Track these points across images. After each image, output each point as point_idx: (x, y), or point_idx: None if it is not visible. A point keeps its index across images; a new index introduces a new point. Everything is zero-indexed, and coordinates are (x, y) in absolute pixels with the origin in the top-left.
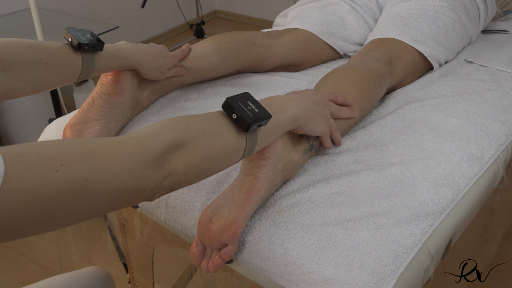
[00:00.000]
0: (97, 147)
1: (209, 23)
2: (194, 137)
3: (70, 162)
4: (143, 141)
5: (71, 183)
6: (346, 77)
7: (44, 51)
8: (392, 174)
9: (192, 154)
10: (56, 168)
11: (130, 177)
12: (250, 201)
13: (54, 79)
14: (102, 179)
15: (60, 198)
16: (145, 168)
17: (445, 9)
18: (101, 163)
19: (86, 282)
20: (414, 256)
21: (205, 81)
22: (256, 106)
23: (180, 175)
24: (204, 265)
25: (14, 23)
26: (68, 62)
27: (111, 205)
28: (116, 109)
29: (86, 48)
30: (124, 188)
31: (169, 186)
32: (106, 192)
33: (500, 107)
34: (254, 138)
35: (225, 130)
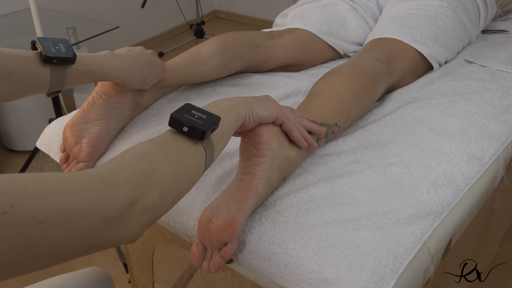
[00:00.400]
0: (55, 184)
1: (209, 23)
2: (158, 163)
3: (23, 202)
4: (108, 177)
5: (23, 226)
6: (338, 74)
7: (8, 61)
8: (392, 174)
9: (162, 181)
10: (5, 209)
11: (94, 217)
12: (248, 199)
13: (17, 90)
14: (60, 220)
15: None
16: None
17: (445, 9)
18: (59, 202)
19: (85, 283)
20: (414, 256)
21: (205, 82)
22: (202, 113)
23: (158, 207)
24: (205, 265)
25: (14, 23)
26: (33, 73)
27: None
28: (116, 110)
29: (54, 61)
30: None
31: (149, 222)
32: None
33: (500, 107)
34: (210, 145)
35: (183, 146)
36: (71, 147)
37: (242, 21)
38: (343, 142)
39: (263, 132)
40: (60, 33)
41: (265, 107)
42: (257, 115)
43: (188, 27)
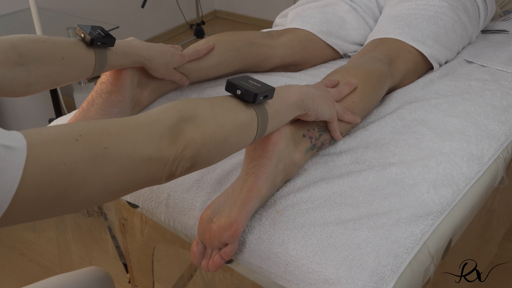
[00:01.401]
0: (112, 122)
1: (209, 23)
2: (203, 109)
3: (89, 133)
4: (154, 115)
5: (92, 151)
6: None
7: (59, 46)
8: (392, 174)
9: (205, 124)
10: (75, 137)
11: (148, 146)
12: (251, 201)
13: (69, 74)
14: (121, 147)
15: (84, 165)
16: (160, 139)
17: (445, 9)
18: (117, 133)
19: (85, 282)
20: (414, 256)
21: (205, 81)
22: (258, 82)
23: (198, 145)
24: (204, 264)
25: (14, 23)
26: (82, 57)
27: (138, 176)
28: (116, 108)
29: (98, 44)
30: (146, 157)
31: (190, 157)
32: (128, 160)
33: (500, 107)
34: (263, 112)
35: (233, 105)
36: None
37: (242, 21)
38: (343, 142)
39: (273, 133)
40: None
41: (326, 105)
42: (319, 111)
43: (188, 27)
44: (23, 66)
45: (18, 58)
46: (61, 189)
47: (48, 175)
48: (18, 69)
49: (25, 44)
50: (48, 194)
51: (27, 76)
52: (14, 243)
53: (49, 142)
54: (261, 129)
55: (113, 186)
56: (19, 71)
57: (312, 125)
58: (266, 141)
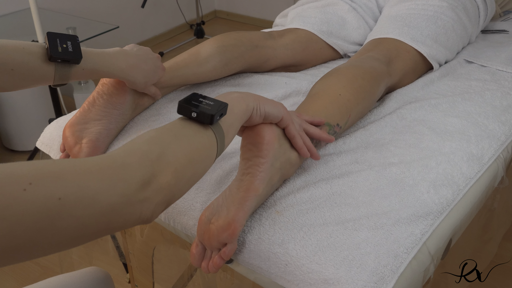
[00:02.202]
0: (70, 165)
1: (209, 23)
2: (169, 144)
3: (41, 180)
4: (120, 158)
5: (43, 202)
6: (337, 75)
7: (12, 56)
8: (392, 174)
9: (175, 162)
10: (24, 186)
11: (111, 194)
12: (248, 200)
13: (19, 83)
14: (78, 196)
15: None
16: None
17: (444, 9)
18: (75, 181)
19: (85, 283)
20: (414, 256)
21: (205, 82)
22: (210, 100)
23: (172, 186)
24: (204, 265)
25: (14, 23)
26: (37, 69)
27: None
28: (117, 110)
29: (58, 61)
30: (107, 206)
31: (164, 202)
32: (85, 211)
33: (500, 107)
34: (220, 131)
35: (192, 131)
36: (71, 147)
37: (242, 21)
38: (343, 142)
39: (265, 133)
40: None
41: (272, 105)
42: (264, 110)
43: (188, 27)
44: None
45: None
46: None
47: None
48: None
49: None
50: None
51: None
52: None
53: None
54: (220, 149)
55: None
56: None
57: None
58: (260, 140)
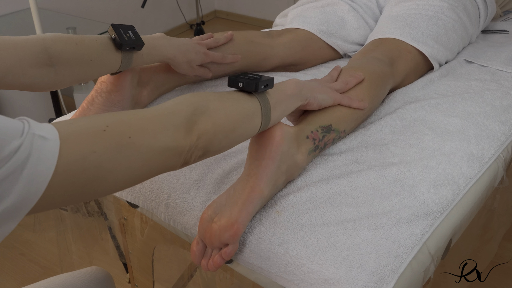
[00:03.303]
0: (133, 114)
1: (209, 23)
2: (213, 102)
3: (115, 124)
4: (170, 107)
5: (118, 140)
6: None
7: (90, 49)
8: (392, 174)
9: (215, 115)
10: (103, 128)
11: (166, 137)
12: (253, 202)
13: (94, 73)
14: (143, 137)
15: (111, 153)
16: (177, 129)
17: (445, 9)
18: (139, 125)
19: (85, 282)
20: (414, 256)
21: (205, 81)
22: (257, 75)
23: (210, 135)
24: (204, 263)
25: (14, 23)
26: (109, 59)
27: (158, 164)
28: (115, 108)
29: (127, 48)
30: (164, 147)
31: (203, 146)
32: (149, 149)
33: (500, 107)
34: (266, 102)
35: (237, 96)
36: None
37: (242, 21)
38: (343, 142)
39: (276, 133)
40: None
41: (324, 92)
42: (318, 98)
43: (188, 27)
44: (53, 67)
45: (48, 60)
46: (91, 177)
47: (79, 163)
48: (47, 70)
49: (56, 46)
50: (79, 181)
51: (54, 76)
52: (14, 243)
53: (79, 133)
54: (265, 119)
55: (136, 173)
56: (48, 72)
57: (316, 126)
58: (269, 141)
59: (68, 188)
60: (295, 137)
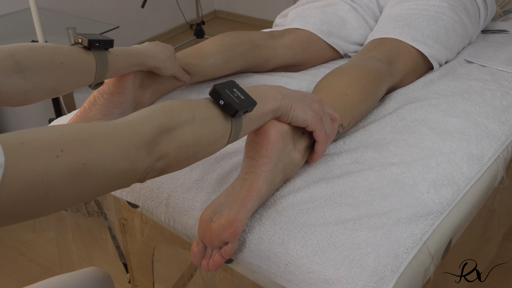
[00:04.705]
0: (95, 132)
1: (209, 23)
2: (183, 122)
3: (70, 147)
4: (137, 125)
5: (72, 167)
6: (342, 75)
7: (58, 51)
8: (392, 174)
9: (181, 138)
10: (57, 153)
11: (125, 160)
12: (251, 200)
13: (69, 78)
14: (100, 162)
15: (61, 182)
16: (137, 152)
17: (445, 9)
18: (98, 148)
19: (85, 283)
20: (414, 256)
21: (205, 81)
22: (242, 94)
23: (171, 158)
24: (205, 264)
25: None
26: (81, 60)
27: (107, 188)
28: (117, 109)
29: (96, 44)
30: (119, 171)
31: (160, 169)
32: (103, 175)
33: (500, 107)
34: (239, 124)
35: (212, 116)
36: None
37: (242, 21)
38: (343, 142)
39: (271, 131)
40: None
41: (303, 111)
42: (293, 116)
43: (188, 27)
44: (21, 73)
45: (15, 65)
46: (36, 205)
47: (24, 193)
48: (15, 77)
49: (22, 51)
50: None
51: (24, 83)
52: (14, 243)
53: (30, 158)
54: (232, 139)
55: (84, 197)
56: (16, 78)
57: None
58: (264, 140)
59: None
60: (290, 134)
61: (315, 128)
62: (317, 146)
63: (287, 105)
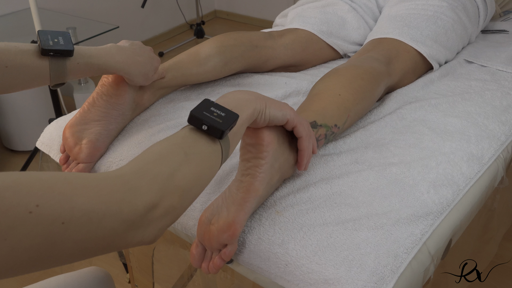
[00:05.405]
0: (80, 185)
1: (209, 23)
2: (179, 166)
3: (48, 202)
4: (130, 180)
5: (46, 226)
6: (337, 75)
7: (4, 54)
8: (392, 174)
9: (182, 184)
10: (30, 209)
11: (115, 219)
12: (249, 201)
13: (15, 82)
14: (83, 222)
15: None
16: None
17: (444, 9)
18: (83, 204)
19: (85, 283)
20: (414, 256)
21: (205, 83)
22: (221, 110)
23: (177, 209)
24: (205, 266)
25: (14, 23)
26: (30, 66)
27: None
28: (117, 110)
29: (51, 54)
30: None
31: (168, 224)
32: (87, 236)
33: (500, 107)
34: (226, 143)
35: (202, 146)
36: (71, 148)
37: (242, 21)
38: (343, 142)
39: (265, 134)
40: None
41: (278, 108)
42: (270, 114)
43: (188, 27)
44: None
45: None
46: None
47: None
48: None
49: None
50: None
51: None
52: None
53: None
54: (224, 160)
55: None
56: None
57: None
58: (260, 142)
59: None
60: (285, 134)
61: (296, 122)
62: (302, 142)
63: (261, 104)
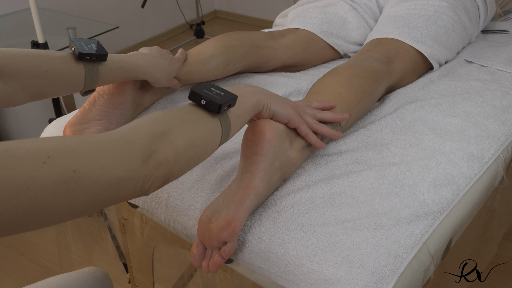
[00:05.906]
0: (83, 141)
1: (209, 23)
2: (174, 126)
3: (58, 154)
4: (125, 135)
5: (60, 174)
6: (337, 74)
7: (43, 60)
8: (392, 174)
9: (177, 142)
10: (43, 160)
11: (118, 168)
12: (248, 198)
13: (53, 88)
14: (91, 169)
15: (50, 190)
16: (131, 160)
17: (445, 9)
18: (88, 155)
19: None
20: (414, 256)
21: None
22: (220, 91)
23: (171, 163)
24: (205, 265)
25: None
26: (68, 71)
27: (106, 198)
28: (117, 110)
29: (87, 58)
30: (115, 179)
31: (162, 177)
32: (96, 183)
33: (500, 107)
34: (226, 120)
35: (199, 116)
36: None
37: (242, 21)
38: (343, 142)
39: (266, 130)
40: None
41: (282, 105)
42: (274, 109)
43: (188, 27)
44: (1, 78)
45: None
46: (23, 215)
47: (10, 200)
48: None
49: (5, 57)
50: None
51: (4, 87)
52: (14, 243)
53: (14, 164)
54: (224, 137)
55: (78, 209)
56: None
57: None
58: (260, 139)
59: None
60: (286, 133)
61: (296, 123)
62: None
63: (266, 98)
